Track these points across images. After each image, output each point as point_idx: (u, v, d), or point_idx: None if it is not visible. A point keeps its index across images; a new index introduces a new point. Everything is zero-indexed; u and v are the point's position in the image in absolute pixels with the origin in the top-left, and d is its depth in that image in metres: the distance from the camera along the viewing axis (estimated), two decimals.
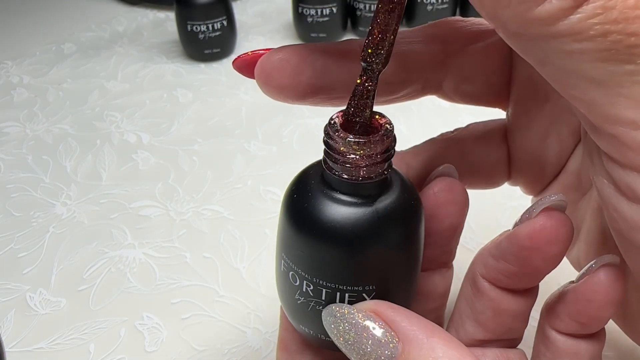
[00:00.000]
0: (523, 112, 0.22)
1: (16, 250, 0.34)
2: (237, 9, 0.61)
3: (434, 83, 0.22)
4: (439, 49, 0.21)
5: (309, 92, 0.20)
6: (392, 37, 0.16)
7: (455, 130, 0.24)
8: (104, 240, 0.34)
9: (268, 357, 0.27)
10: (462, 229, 0.20)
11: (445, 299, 0.22)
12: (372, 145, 0.16)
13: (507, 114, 0.23)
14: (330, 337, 0.17)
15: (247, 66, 0.20)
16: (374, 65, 0.16)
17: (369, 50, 0.16)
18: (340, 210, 0.17)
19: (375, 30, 0.16)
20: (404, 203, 0.18)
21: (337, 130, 0.17)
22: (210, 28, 0.52)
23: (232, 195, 0.37)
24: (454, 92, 0.22)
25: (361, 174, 0.16)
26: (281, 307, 0.22)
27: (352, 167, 0.16)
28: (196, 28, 0.52)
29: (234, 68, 0.21)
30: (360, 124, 0.17)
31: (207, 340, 0.28)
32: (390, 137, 0.17)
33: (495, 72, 0.22)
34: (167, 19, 0.64)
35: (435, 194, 0.19)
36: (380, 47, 0.16)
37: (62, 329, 0.29)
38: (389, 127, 0.17)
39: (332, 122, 0.17)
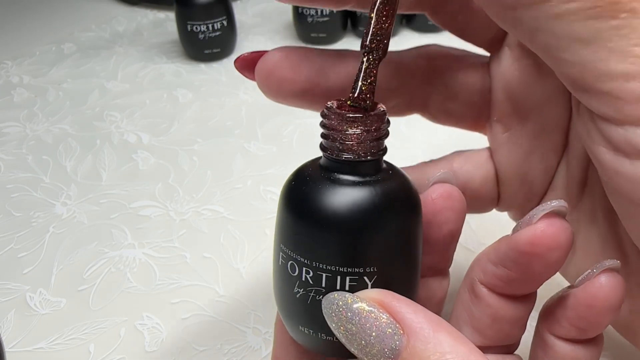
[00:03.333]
0: (505, 131, 0.23)
1: (16, 250, 0.34)
2: (237, 9, 0.61)
3: (420, 99, 0.23)
4: (426, 64, 0.22)
5: (307, 87, 0.21)
6: (389, 26, 0.18)
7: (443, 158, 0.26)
8: (104, 240, 0.34)
9: (268, 357, 0.27)
10: (460, 235, 0.20)
11: (441, 306, 0.22)
12: (368, 122, 0.17)
13: (488, 138, 0.24)
14: (331, 336, 0.17)
15: (248, 65, 0.22)
16: (374, 53, 0.18)
17: (370, 37, 0.18)
18: (339, 189, 0.17)
19: (375, 18, 0.17)
20: (402, 185, 0.18)
21: (334, 110, 0.17)
22: (210, 28, 0.52)
23: (232, 195, 0.37)
24: (438, 110, 0.24)
25: (358, 151, 0.17)
26: (275, 322, 0.22)
27: (349, 144, 0.17)
28: (196, 28, 0.52)
29: (236, 67, 0.22)
30: (356, 107, 0.18)
31: (207, 340, 0.28)
32: (384, 115, 0.18)
33: (476, 92, 0.23)
34: (167, 19, 0.64)
35: (434, 200, 0.19)
36: (379, 34, 0.17)
37: (62, 329, 0.29)
38: (382, 107, 0.18)
39: (329, 105, 0.18)
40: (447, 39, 0.25)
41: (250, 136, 0.43)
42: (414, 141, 0.41)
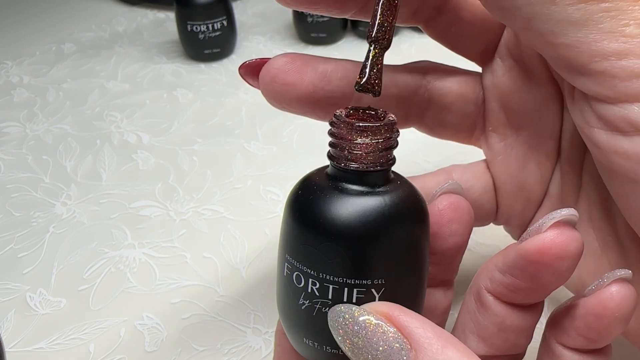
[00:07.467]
0: (500, 141, 0.24)
1: (16, 250, 0.34)
2: (237, 9, 0.61)
3: (417, 110, 0.24)
4: (421, 76, 0.23)
5: (310, 91, 0.21)
6: (393, 18, 0.18)
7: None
8: (104, 240, 0.34)
9: (268, 357, 0.27)
10: (466, 247, 0.20)
11: (445, 316, 0.21)
12: (377, 131, 0.17)
13: (484, 150, 0.25)
14: (336, 349, 0.17)
15: (252, 71, 0.22)
16: (380, 43, 0.18)
17: (376, 28, 0.18)
18: (348, 199, 0.17)
19: (380, 10, 0.18)
20: (410, 195, 0.18)
21: (343, 119, 0.17)
22: (210, 28, 0.52)
23: (232, 195, 0.37)
24: (434, 121, 0.24)
25: (367, 161, 0.17)
26: (276, 331, 0.21)
27: (358, 154, 0.17)
28: (196, 28, 0.52)
29: (240, 74, 0.23)
30: (365, 115, 0.18)
31: (207, 340, 0.28)
32: (394, 125, 0.17)
33: (471, 102, 0.24)
34: (167, 19, 0.64)
35: (441, 211, 0.19)
36: (384, 25, 0.18)
37: (62, 329, 0.29)
38: (391, 117, 0.18)
39: (338, 113, 0.18)
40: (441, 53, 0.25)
41: (250, 136, 0.43)
42: (414, 142, 0.41)
